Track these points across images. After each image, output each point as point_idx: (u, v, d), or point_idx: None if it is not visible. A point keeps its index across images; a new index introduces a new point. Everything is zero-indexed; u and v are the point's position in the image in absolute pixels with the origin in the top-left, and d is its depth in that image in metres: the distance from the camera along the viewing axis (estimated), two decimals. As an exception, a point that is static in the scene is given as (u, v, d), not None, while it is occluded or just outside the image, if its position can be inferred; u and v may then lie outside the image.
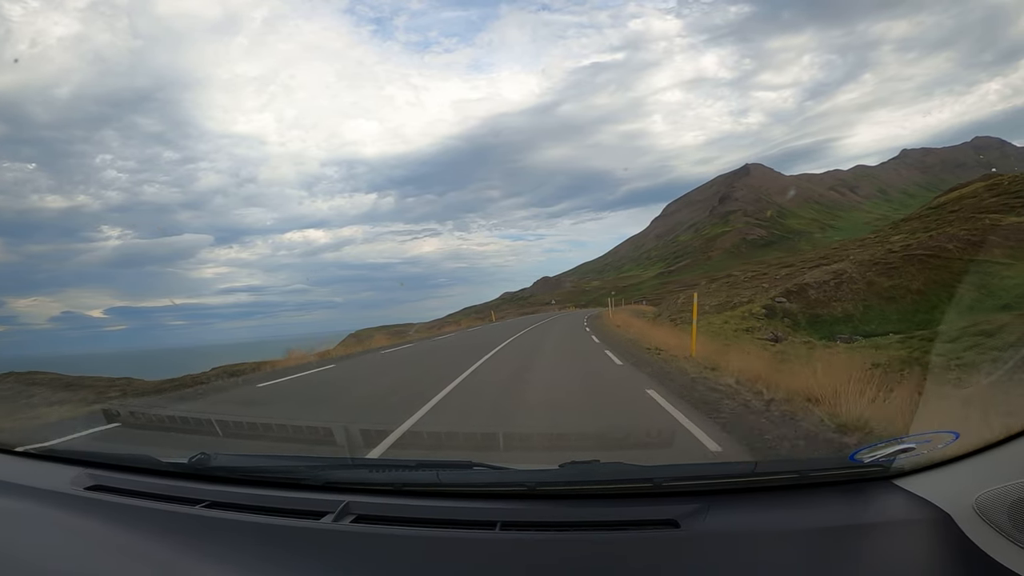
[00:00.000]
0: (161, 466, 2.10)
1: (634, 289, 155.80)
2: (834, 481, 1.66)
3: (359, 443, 4.06)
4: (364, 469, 2.20)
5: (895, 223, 56.31)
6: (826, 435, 4.76)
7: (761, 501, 1.62)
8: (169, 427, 5.30)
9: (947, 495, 1.43)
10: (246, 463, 2.15)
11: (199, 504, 1.78)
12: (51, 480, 2.06)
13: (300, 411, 7.52)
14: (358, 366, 13.32)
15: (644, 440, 4.26)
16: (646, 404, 6.67)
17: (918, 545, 1.36)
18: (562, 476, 1.81)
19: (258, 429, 4.14)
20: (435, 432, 5.10)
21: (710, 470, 1.97)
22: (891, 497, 1.54)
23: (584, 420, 6.01)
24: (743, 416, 5.72)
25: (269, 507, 1.74)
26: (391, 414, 6.43)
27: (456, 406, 7.01)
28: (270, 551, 1.54)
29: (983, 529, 1.28)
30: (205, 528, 1.68)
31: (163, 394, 10.65)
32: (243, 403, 8.49)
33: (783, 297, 27.17)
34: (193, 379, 12.37)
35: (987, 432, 1.49)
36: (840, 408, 5.22)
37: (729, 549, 1.43)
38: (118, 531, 1.71)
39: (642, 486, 1.70)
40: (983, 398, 3.05)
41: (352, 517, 1.64)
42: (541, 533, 1.55)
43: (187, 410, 7.67)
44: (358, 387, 9.74)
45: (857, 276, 27.47)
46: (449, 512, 1.70)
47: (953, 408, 3.42)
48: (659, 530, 1.50)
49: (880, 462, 1.62)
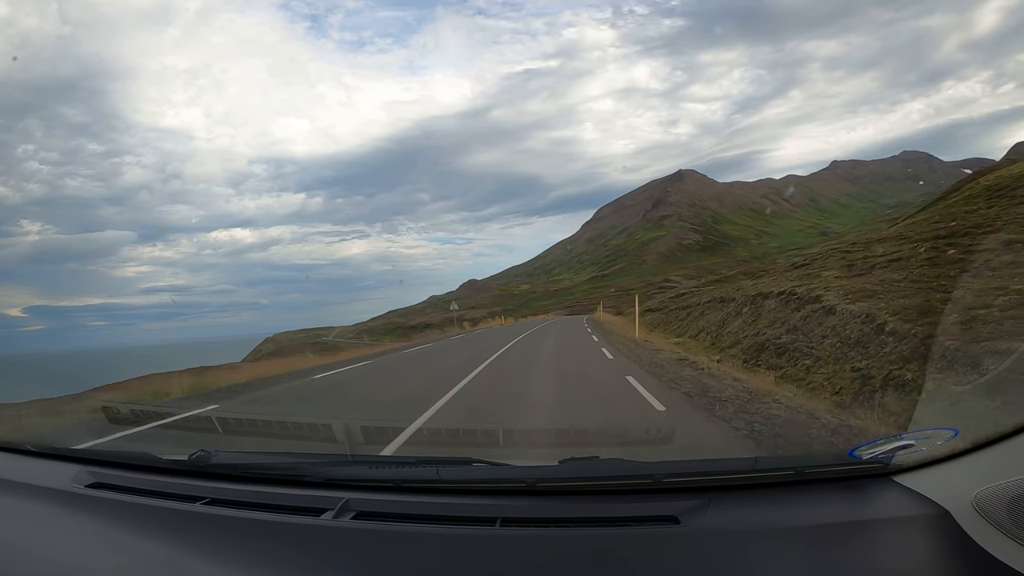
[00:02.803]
0: (161, 463, 2.15)
1: (566, 293, 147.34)
2: (833, 477, 1.70)
3: (359, 440, 3.85)
4: (364, 466, 2.19)
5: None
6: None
7: (761, 497, 1.65)
8: (170, 425, 5.76)
9: (946, 492, 1.47)
10: (246, 460, 2.20)
11: (199, 501, 1.82)
12: (52, 478, 2.11)
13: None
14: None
15: (643, 436, 4.42)
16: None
17: (917, 542, 1.40)
18: (562, 472, 1.85)
19: (258, 426, 4.33)
20: (435, 428, 5.36)
21: (710, 466, 1.96)
22: (890, 494, 1.59)
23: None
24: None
25: (269, 504, 1.78)
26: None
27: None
28: (271, 548, 1.57)
29: (982, 526, 1.32)
30: (206, 525, 1.71)
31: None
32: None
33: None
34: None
35: (986, 429, 1.53)
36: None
37: (729, 545, 1.45)
38: (119, 528, 1.75)
39: (642, 482, 1.73)
40: (982, 395, 3.27)
41: (352, 514, 1.68)
42: (541, 529, 1.59)
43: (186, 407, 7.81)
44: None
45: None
46: (449, 508, 1.73)
47: (952, 404, 3.68)
48: (659, 526, 1.53)
49: (879, 459, 1.66)
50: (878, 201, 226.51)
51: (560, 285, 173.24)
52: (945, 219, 17.40)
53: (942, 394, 5.21)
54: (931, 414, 3.70)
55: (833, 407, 7.51)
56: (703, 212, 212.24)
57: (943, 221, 17.13)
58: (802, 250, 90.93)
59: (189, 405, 8.63)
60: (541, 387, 8.90)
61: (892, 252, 16.08)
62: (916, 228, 18.50)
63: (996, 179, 22.04)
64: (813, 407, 6.83)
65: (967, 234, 14.40)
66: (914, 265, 13.72)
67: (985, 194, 20.21)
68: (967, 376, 6.22)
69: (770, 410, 6.40)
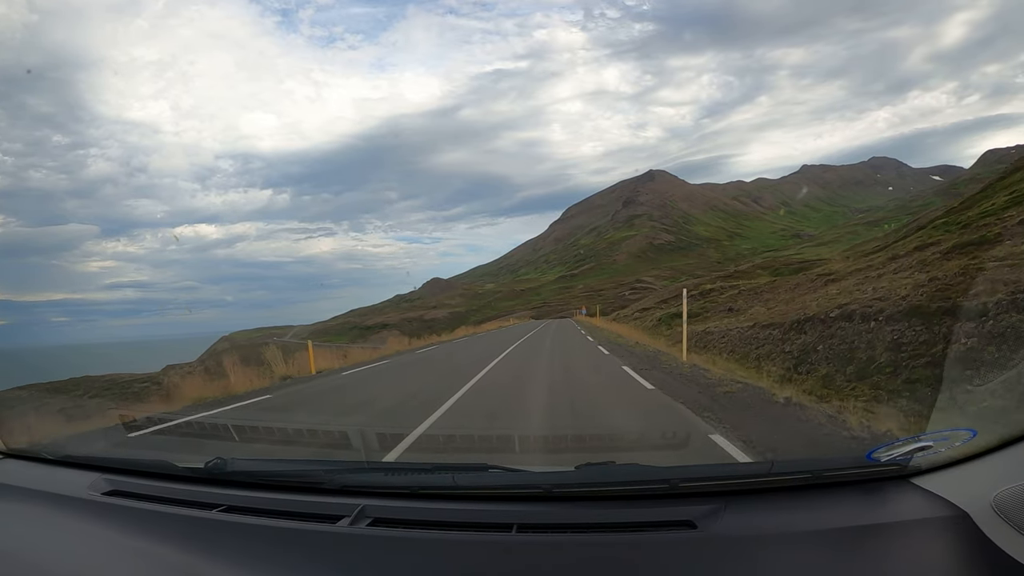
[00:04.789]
0: (178, 471, 2.19)
1: (532, 293, 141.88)
2: (851, 480, 1.71)
3: (375, 446, 4.07)
4: (380, 472, 2.22)
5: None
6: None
7: (778, 501, 1.66)
8: (186, 432, 5.76)
9: (965, 493, 1.47)
10: (262, 467, 2.23)
11: (216, 508, 1.85)
12: (69, 485, 2.14)
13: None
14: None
15: (658, 441, 4.38)
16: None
17: (936, 544, 1.40)
18: (578, 478, 1.87)
19: (274, 433, 4.46)
20: (450, 435, 5.33)
21: (726, 471, 2.06)
22: (908, 496, 1.59)
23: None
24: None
25: (286, 511, 1.80)
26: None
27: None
28: (287, 555, 1.59)
29: (1002, 527, 1.32)
30: (222, 532, 1.74)
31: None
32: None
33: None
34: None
35: (1005, 429, 1.53)
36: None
37: (746, 549, 1.47)
38: (135, 536, 1.77)
39: (658, 487, 1.75)
40: (1001, 395, 3.14)
41: (368, 520, 1.70)
42: (558, 535, 1.60)
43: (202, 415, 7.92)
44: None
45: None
46: (465, 515, 1.75)
47: (971, 405, 3.54)
48: (676, 531, 1.54)
49: (897, 461, 1.67)
50: (848, 205, 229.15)
51: (526, 285, 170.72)
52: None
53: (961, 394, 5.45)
54: (949, 414, 3.67)
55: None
56: (674, 212, 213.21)
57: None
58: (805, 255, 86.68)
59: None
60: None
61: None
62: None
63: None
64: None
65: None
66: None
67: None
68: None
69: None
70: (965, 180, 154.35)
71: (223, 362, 14.45)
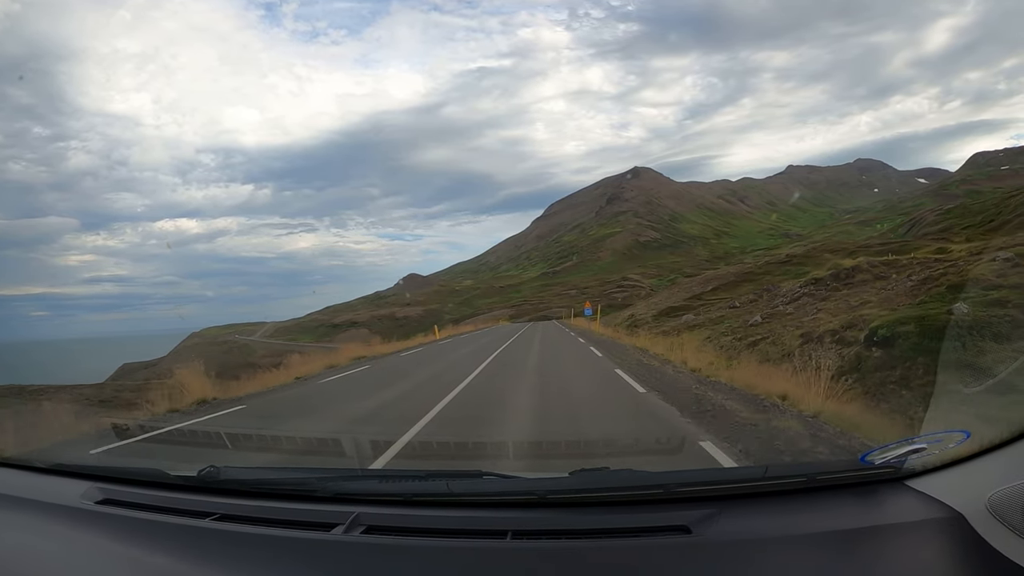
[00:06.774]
0: (170, 479, 2.18)
1: (512, 291, 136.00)
2: (845, 483, 1.71)
3: (368, 454, 4.10)
4: (374, 480, 2.25)
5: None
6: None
7: (772, 505, 1.66)
8: (179, 440, 5.68)
9: (960, 495, 1.48)
10: (255, 475, 2.22)
11: (209, 517, 1.83)
12: (61, 494, 2.12)
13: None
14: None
15: (653, 447, 4.44)
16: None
17: (931, 546, 1.41)
18: (572, 484, 1.87)
19: (267, 441, 4.38)
20: (444, 442, 5.34)
21: (720, 475, 2.08)
22: (903, 498, 1.60)
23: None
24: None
25: (279, 519, 1.79)
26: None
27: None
28: (281, 563, 1.58)
29: (997, 528, 1.32)
30: (215, 541, 1.73)
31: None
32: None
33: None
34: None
35: (999, 430, 1.54)
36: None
37: (741, 554, 1.46)
38: (128, 544, 1.76)
39: (652, 492, 1.74)
40: (994, 395, 3.20)
41: (362, 528, 1.69)
42: (552, 541, 1.60)
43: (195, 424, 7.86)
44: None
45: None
46: (460, 522, 1.75)
47: (964, 406, 3.52)
48: (671, 536, 1.53)
49: (891, 463, 1.67)
50: (834, 206, 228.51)
51: (507, 281, 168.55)
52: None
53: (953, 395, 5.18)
54: (943, 415, 3.71)
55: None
56: (660, 210, 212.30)
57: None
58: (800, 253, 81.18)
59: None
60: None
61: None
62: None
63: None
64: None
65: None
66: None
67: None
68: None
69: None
70: (956, 182, 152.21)
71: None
